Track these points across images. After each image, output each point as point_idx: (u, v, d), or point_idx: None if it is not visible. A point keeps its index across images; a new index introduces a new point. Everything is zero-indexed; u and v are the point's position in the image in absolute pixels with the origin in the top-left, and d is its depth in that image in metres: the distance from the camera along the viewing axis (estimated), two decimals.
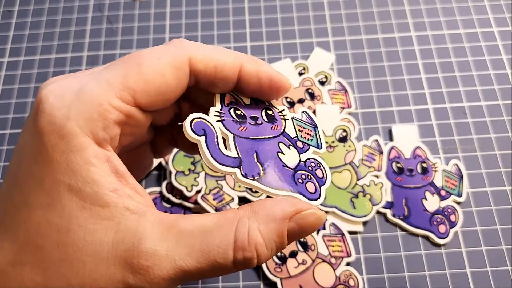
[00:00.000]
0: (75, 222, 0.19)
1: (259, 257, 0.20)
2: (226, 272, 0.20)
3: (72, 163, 0.19)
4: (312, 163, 0.24)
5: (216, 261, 0.20)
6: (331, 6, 0.47)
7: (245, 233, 0.20)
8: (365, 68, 0.43)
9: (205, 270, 0.20)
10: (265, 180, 0.22)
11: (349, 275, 0.34)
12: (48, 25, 0.47)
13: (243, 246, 0.20)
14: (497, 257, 0.36)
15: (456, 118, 0.41)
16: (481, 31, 0.45)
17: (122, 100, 0.20)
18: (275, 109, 0.25)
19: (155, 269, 0.19)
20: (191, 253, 0.19)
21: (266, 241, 0.20)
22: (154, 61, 0.21)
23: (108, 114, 0.20)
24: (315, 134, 0.25)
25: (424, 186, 0.38)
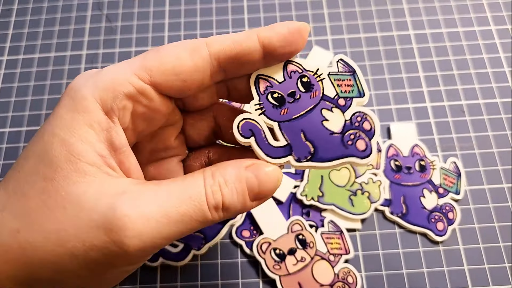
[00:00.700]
0: (60, 172, 0.20)
1: (225, 202, 0.22)
2: (201, 223, 0.21)
3: (74, 121, 0.21)
4: (357, 117, 0.23)
5: (190, 212, 0.21)
6: (330, 4, 0.47)
7: (212, 184, 0.22)
8: (363, 67, 0.44)
9: (180, 225, 0.20)
10: (317, 156, 0.23)
11: (348, 272, 0.35)
12: (47, 23, 0.47)
13: (211, 190, 0.21)
14: (494, 254, 0.36)
15: (454, 116, 0.41)
16: (479, 29, 0.45)
17: (138, 76, 0.22)
18: (309, 73, 0.24)
19: (129, 231, 0.19)
20: (165, 210, 0.20)
21: (228, 184, 0.22)
22: (171, 46, 0.23)
23: (120, 86, 0.21)
24: (355, 82, 0.24)
25: (422, 183, 0.38)
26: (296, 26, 0.23)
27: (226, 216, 0.22)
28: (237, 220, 0.37)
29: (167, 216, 0.20)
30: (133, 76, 0.22)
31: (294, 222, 0.36)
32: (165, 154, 0.27)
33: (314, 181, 0.38)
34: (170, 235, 0.20)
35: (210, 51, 0.23)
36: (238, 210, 0.22)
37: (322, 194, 0.37)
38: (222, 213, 0.22)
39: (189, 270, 0.36)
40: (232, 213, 0.22)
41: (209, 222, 0.22)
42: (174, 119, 0.26)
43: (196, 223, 0.21)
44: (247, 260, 0.36)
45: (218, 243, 0.37)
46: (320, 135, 0.23)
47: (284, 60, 0.24)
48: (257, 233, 0.36)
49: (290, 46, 0.23)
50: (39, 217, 0.20)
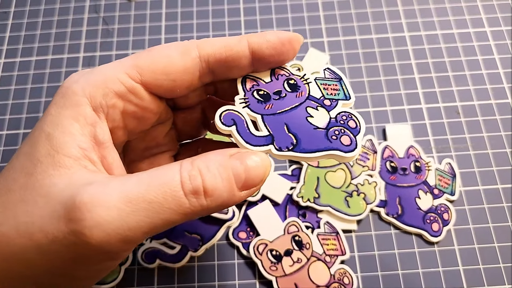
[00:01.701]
0: (39, 167, 0.20)
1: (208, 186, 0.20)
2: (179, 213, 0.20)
3: (61, 115, 0.21)
4: (343, 116, 0.24)
5: (159, 199, 0.19)
6: (326, 7, 0.47)
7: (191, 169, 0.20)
8: (359, 68, 0.44)
9: (150, 214, 0.19)
10: (300, 147, 0.23)
11: (344, 273, 0.35)
12: (44, 26, 0.47)
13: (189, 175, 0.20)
14: (489, 254, 0.36)
15: (449, 118, 0.41)
16: (473, 31, 0.45)
17: (128, 75, 0.22)
18: (296, 76, 0.25)
19: (87, 221, 0.18)
20: (128, 197, 0.19)
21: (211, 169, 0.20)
22: (163, 47, 0.23)
23: (110, 83, 0.22)
24: (341, 87, 0.25)
25: (417, 185, 0.38)
26: (287, 36, 0.23)
27: (212, 205, 0.21)
28: (233, 221, 0.37)
29: (130, 204, 0.19)
30: (124, 75, 0.22)
31: (291, 224, 0.36)
32: (157, 150, 0.28)
33: (310, 182, 0.38)
34: (139, 226, 0.19)
35: (200, 54, 0.23)
36: (224, 198, 0.21)
37: (318, 196, 0.37)
38: (205, 199, 0.20)
39: (186, 271, 0.36)
40: (218, 200, 0.21)
41: (190, 212, 0.20)
42: (165, 117, 0.26)
43: (171, 212, 0.19)
44: (243, 262, 0.36)
45: (215, 244, 0.37)
46: (303, 129, 0.23)
47: (273, 67, 0.25)
48: (254, 235, 0.36)
49: (279, 56, 0.24)
50: (15, 211, 0.20)
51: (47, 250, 0.19)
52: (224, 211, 0.36)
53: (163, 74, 0.22)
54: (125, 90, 0.22)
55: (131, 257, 0.36)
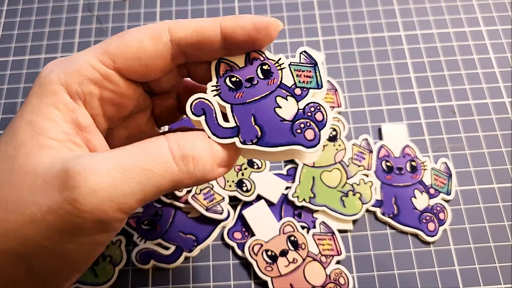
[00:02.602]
0: (22, 149, 0.21)
1: (194, 153, 0.21)
2: (168, 180, 0.21)
3: (41, 104, 0.21)
4: (311, 107, 0.23)
5: (151, 166, 0.20)
6: (321, 5, 0.47)
7: (177, 139, 0.21)
8: (354, 67, 0.44)
9: (143, 181, 0.20)
10: (263, 141, 0.23)
11: (339, 273, 0.35)
12: (37, 24, 0.47)
13: (177, 143, 0.21)
14: (485, 254, 0.36)
15: (445, 117, 0.41)
16: (469, 30, 0.45)
17: (101, 62, 0.22)
18: (271, 61, 0.24)
19: (82, 188, 0.19)
20: (122, 165, 0.20)
21: (196, 141, 0.22)
22: (134, 31, 0.23)
23: (84, 71, 0.22)
24: (315, 74, 0.24)
25: (413, 184, 0.38)
26: (264, 22, 0.23)
27: (197, 174, 0.21)
28: (228, 221, 0.37)
29: (124, 171, 0.19)
30: (97, 62, 0.22)
31: (286, 224, 0.36)
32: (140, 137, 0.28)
33: (306, 182, 0.38)
34: (132, 193, 0.20)
35: (171, 38, 0.23)
36: (207, 168, 0.22)
37: (314, 195, 0.37)
38: (192, 166, 0.21)
39: (181, 272, 0.36)
40: (202, 170, 0.21)
41: (178, 178, 0.21)
42: (144, 104, 0.27)
43: (161, 179, 0.20)
44: (239, 262, 0.36)
45: (209, 245, 0.36)
46: (270, 121, 0.23)
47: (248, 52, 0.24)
48: (249, 235, 0.36)
49: (253, 42, 0.23)
50: (4, 195, 0.20)
51: (41, 223, 0.19)
52: (219, 211, 0.36)
53: (135, 60, 0.23)
54: (100, 77, 0.22)
55: (125, 257, 0.36)
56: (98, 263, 0.35)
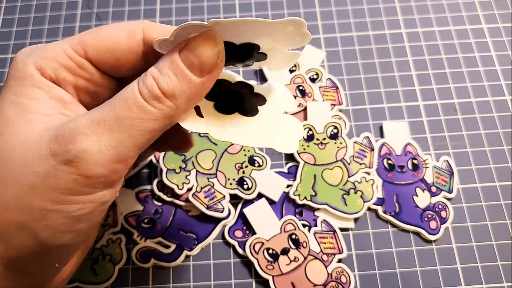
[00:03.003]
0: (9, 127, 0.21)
1: (163, 87, 0.21)
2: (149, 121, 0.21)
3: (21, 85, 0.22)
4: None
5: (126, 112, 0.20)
6: (322, 3, 0.47)
7: (144, 78, 0.21)
8: (356, 65, 0.43)
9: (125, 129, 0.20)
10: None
11: (341, 271, 0.34)
12: (36, 22, 0.46)
13: (144, 83, 0.21)
14: (487, 252, 0.36)
15: (447, 115, 0.41)
16: (470, 28, 0.45)
17: (75, 51, 0.23)
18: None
19: (72, 144, 0.20)
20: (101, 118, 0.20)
21: (163, 71, 0.21)
22: (111, 26, 0.24)
23: (58, 58, 0.23)
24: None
25: (415, 182, 0.38)
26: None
27: (182, 104, 0.21)
28: (229, 220, 0.36)
29: (104, 125, 0.20)
30: (70, 50, 0.23)
31: (287, 222, 0.36)
32: None
33: (307, 180, 0.37)
34: (121, 142, 0.20)
35: (144, 37, 0.24)
36: (186, 91, 0.21)
37: (315, 194, 0.37)
38: (170, 101, 0.21)
39: (181, 271, 0.35)
40: (182, 98, 0.21)
41: (162, 116, 0.21)
42: None
43: (144, 122, 0.20)
44: (240, 261, 0.36)
45: (210, 243, 0.36)
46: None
47: None
48: (250, 233, 0.36)
49: None
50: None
51: (40, 187, 0.20)
52: (219, 209, 0.36)
53: (107, 52, 0.23)
54: (74, 65, 0.23)
55: (125, 256, 0.35)
56: (98, 262, 0.35)
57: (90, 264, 0.35)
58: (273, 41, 0.23)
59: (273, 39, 0.23)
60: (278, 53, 0.24)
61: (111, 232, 0.36)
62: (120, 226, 0.36)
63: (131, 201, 0.37)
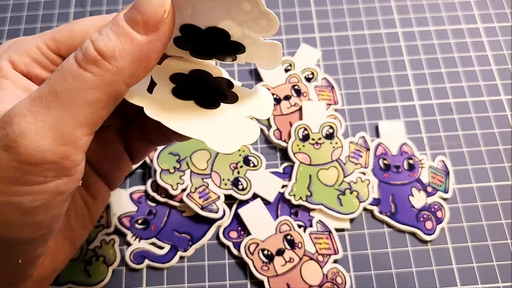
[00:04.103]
0: None
1: (100, 48, 0.18)
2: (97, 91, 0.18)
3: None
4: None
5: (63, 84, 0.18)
6: (317, 2, 0.47)
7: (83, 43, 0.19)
8: (351, 65, 0.43)
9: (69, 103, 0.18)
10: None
11: (337, 272, 0.34)
12: (29, 20, 0.46)
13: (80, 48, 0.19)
14: (483, 252, 0.36)
15: (442, 114, 0.41)
16: (466, 27, 0.45)
17: (47, 47, 0.22)
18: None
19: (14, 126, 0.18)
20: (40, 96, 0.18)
21: (103, 32, 0.19)
22: (84, 21, 0.23)
23: (32, 52, 0.22)
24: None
25: (410, 182, 0.37)
26: None
27: (126, 64, 0.19)
28: (224, 220, 0.36)
29: (41, 102, 0.18)
30: (43, 45, 0.22)
31: (282, 222, 0.35)
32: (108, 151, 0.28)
33: (303, 180, 0.37)
34: (61, 120, 0.18)
35: None
36: (129, 50, 0.19)
37: (311, 194, 0.37)
38: (109, 63, 0.18)
39: (176, 272, 0.35)
40: (125, 58, 0.19)
41: (103, 82, 0.18)
42: None
43: (80, 93, 0.18)
44: (234, 261, 0.35)
45: (205, 244, 0.36)
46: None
47: None
48: (245, 234, 0.36)
49: None
50: None
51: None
52: (214, 210, 0.36)
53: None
54: (47, 61, 0.22)
55: (119, 257, 0.35)
56: (91, 263, 0.35)
57: (83, 265, 0.35)
58: (239, 26, 0.21)
59: (236, 22, 0.21)
60: (255, 43, 0.22)
61: (105, 233, 0.36)
62: (114, 227, 0.36)
63: (124, 202, 0.37)
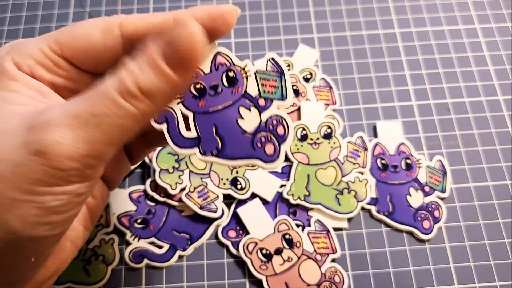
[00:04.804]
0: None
1: (139, 83, 0.20)
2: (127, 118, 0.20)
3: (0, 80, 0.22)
4: (274, 120, 0.23)
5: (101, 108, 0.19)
6: (316, 2, 0.47)
7: (121, 73, 0.20)
8: (349, 65, 0.43)
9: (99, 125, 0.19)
10: (224, 153, 0.23)
11: (335, 271, 0.34)
12: (28, 20, 0.46)
13: (121, 79, 0.20)
14: (480, 252, 0.36)
15: (440, 115, 0.41)
16: (463, 28, 0.45)
17: (50, 48, 0.23)
18: (237, 67, 0.23)
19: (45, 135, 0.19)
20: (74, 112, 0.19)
21: (137, 60, 0.20)
22: (86, 23, 0.23)
23: (35, 55, 0.22)
24: (280, 84, 0.23)
25: (408, 182, 0.38)
26: (219, 11, 0.22)
27: (158, 101, 0.20)
28: (223, 220, 0.36)
29: (79, 119, 0.19)
30: (46, 48, 0.23)
31: (281, 222, 0.36)
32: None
33: (301, 180, 0.37)
34: (94, 139, 0.19)
35: (122, 32, 0.23)
36: (165, 89, 0.20)
37: (309, 193, 0.37)
38: (148, 99, 0.20)
39: (175, 271, 0.35)
40: (159, 95, 0.20)
41: (138, 114, 0.20)
42: None
43: (117, 119, 0.20)
44: (233, 261, 0.36)
45: (203, 243, 0.36)
46: (231, 132, 0.23)
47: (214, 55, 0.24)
48: (243, 233, 0.36)
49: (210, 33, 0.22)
50: None
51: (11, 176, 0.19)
52: (213, 209, 0.36)
53: (83, 52, 0.23)
54: (50, 63, 0.23)
55: (118, 257, 0.35)
56: (90, 262, 0.35)
57: (83, 264, 0.35)
58: None
59: None
60: None
61: (104, 233, 0.36)
62: (113, 226, 0.36)
63: (124, 201, 0.37)
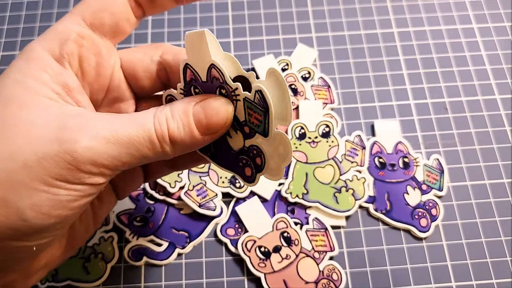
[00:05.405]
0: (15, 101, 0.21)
1: (170, 134, 0.23)
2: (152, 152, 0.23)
3: (28, 68, 0.22)
4: (254, 150, 0.24)
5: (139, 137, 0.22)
6: (314, 2, 0.47)
7: (160, 116, 0.23)
8: (347, 64, 0.44)
9: (130, 149, 0.22)
10: (216, 159, 0.26)
11: (332, 269, 0.35)
12: (28, 19, 0.46)
13: (159, 121, 0.23)
14: (477, 250, 0.36)
15: (437, 114, 0.41)
16: (461, 28, 0.46)
17: (74, 21, 0.24)
18: (228, 87, 0.23)
19: (79, 143, 0.21)
20: (115, 131, 0.22)
21: (174, 117, 0.23)
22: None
23: (61, 34, 0.23)
24: (264, 120, 0.23)
25: (406, 180, 0.38)
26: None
27: (178, 150, 0.23)
28: (222, 218, 0.36)
29: (117, 136, 0.21)
30: (70, 22, 0.24)
31: (279, 220, 0.36)
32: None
33: (299, 178, 0.38)
34: (120, 156, 0.22)
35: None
36: (186, 143, 0.23)
37: (307, 192, 0.37)
38: (171, 146, 0.23)
39: (174, 269, 0.35)
40: (180, 146, 0.23)
41: (162, 153, 0.23)
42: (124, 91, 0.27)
43: (147, 151, 0.22)
44: (232, 258, 0.36)
45: (202, 241, 0.36)
46: (222, 145, 0.25)
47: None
48: (242, 231, 0.36)
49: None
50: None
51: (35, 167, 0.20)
52: (211, 207, 0.36)
53: (102, 11, 0.24)
54: (76, 35, 0.24)
55: (117, 254, 0.35)
56: (90, 260, 0.35)
57: (82, 262, 0.35)
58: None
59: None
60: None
61: (103, 230, 0.36)
62: (112, 224, 0.36)
63: (123, 200, 0.37)
